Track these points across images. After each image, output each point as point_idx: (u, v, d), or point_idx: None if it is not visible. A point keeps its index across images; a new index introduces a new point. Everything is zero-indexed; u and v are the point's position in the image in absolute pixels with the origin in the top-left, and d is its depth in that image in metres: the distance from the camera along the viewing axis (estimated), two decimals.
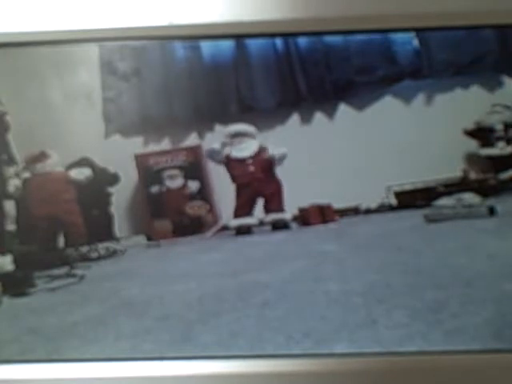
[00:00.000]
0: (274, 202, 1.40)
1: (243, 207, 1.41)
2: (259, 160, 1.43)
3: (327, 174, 1.38)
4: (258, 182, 1.42)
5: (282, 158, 1.40)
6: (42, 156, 1.35)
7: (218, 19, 0.74)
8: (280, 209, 1.40)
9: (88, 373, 0.70)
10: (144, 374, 0.69)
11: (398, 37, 1.38)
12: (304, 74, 1.45)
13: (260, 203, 1.41)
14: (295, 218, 1.40)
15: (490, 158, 1.36)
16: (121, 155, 1.41)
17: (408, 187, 1.36)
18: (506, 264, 0.87)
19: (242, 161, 1.44)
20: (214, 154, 1.43)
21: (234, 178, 1.42)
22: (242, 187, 1.41)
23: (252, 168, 1.43)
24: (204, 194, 1.45)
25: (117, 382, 0.70)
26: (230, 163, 1.44)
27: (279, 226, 1.39)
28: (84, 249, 1.32)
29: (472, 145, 1.35)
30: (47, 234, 1.33)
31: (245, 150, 1.43)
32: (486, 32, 1.33)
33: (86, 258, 1.30)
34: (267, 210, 1.41)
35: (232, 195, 1.41)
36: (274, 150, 1.41)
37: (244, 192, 1.41)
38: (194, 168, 1.46)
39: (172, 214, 1.44)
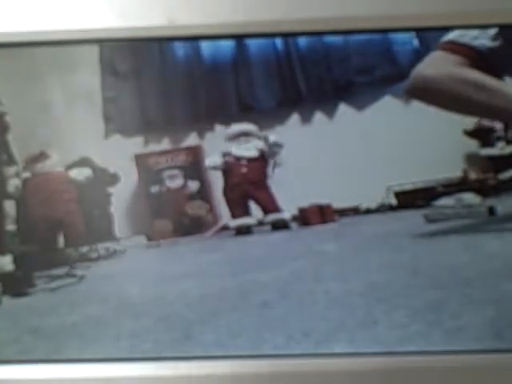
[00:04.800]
0: (267, 206, 1.39)
1: (236, 207, 1.40)
2: (255, 163, 1.43)
3: (327, 174, 1.38)
4: (248, 184, 1.41)
5: (281, 157, 1.40)
6: (41, 156, 1.35)
7: (218, 19, 0.74)
8: (276, 209, 1.39)
9: (88, 373, 0.70)
10: (144, 374, 0.69)
11: (398, 37, 1.38)
12: (304, 74, 1.45)
13: (254, 205, 1.41)
14: (295, 218, 1.39)
15: (490, 157, 1.36)
16: (121, 155, 1.41)
17: (408, 187, 1.36)
18: (506, 264, 0.87)
19: (238, 159, 1.43)
20: (216, 168, 1.43)
21: (225, 176, 1.42)
22: (231, 186, 1.41)
23: (245, 169, 1.43)
24: (204, 194, 1.45)
25: (117, 382, 0.70)
26: (227, 160, 1.43)
27: (279, 225, 1.39)
28: (84, 249, 1.32)
29: (472, 145, 1.35)
30: (47, 234, 1.33)
31: (249, 149, 1.43)
32: None
33: (85, 258, 1.30)
34: (264, 211, 1.41)
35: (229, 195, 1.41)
36: (272, 149, 1.41)
37: (234, 191, 1.41)
38: (194, 168, 1.46)
39: (172, 214, 1.44)
